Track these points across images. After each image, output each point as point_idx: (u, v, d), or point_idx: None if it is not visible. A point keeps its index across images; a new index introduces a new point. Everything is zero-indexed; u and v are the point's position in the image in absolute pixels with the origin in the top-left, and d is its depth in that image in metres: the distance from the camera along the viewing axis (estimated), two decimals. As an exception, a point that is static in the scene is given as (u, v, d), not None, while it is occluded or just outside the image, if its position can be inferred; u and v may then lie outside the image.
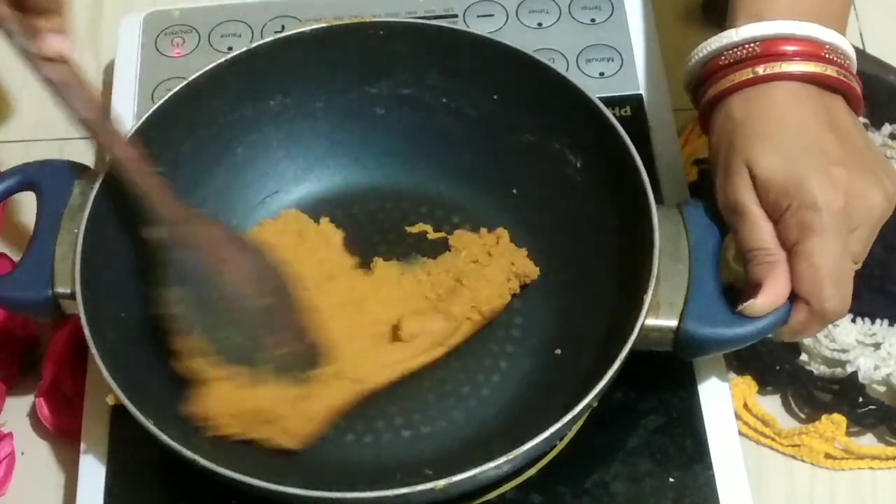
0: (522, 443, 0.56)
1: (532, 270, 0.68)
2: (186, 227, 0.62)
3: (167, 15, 0.80)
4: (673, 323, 0.60)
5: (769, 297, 0.59)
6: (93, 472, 0.65)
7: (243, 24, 0.80)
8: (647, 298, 0.59)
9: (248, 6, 0.81)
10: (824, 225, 0.58)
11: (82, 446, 0.65)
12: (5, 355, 0.71)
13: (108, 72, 0.82)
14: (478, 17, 0.79)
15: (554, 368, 0.65)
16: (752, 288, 0.60)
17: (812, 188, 0.58)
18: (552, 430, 0.56)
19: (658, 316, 0.60)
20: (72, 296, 0.62)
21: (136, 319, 0.64)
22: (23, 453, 0.69)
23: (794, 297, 0.60)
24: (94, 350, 0.59)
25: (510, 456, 0.56)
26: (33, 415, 0.70)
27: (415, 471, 0.57)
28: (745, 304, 0.60)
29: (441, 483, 0.55)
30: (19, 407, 0.71)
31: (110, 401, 0.60)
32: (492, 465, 0.56)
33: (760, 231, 0.60)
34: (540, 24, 0.79)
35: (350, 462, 0.64)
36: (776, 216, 0.60)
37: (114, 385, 0.59)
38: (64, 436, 0.69)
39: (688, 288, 0.61)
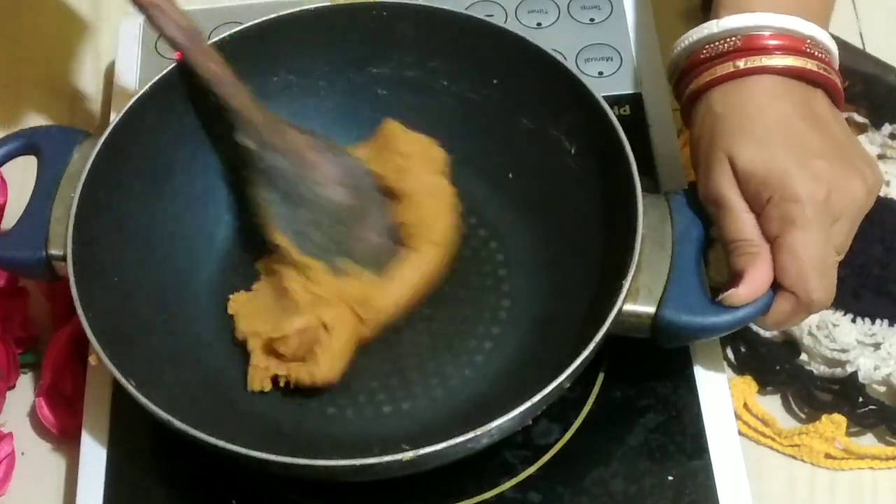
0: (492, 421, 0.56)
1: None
2: (277, 134, 0.65)
3: (167, 17, 0.81)
4: (651, 309, 0.61)
5: (750, 287, 0.60)
6: (93, 472, 0.64)
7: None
8: (626, 284, 0.60)
9: (247, 8, 0.80)
10: (807, 217, 0.59)
11: (82, 446, 0.65)
12: (5, 355, 0.71)
13: (109, 74, 0.83)
14: (477, 17, 0.79)
15: (537, 350, 0.66)
16: (732, 278, 0.60)
17: (793, 180, 0.59)
18: (520, 409, 0.57)
19: (637, 302, 0.61)
20: (64, 258, 0.62)
21: (127, 284, 0.65)
22: (23, 453, 0.69)
23: (777, 288, 0.60)
24: (80, 310, 0.60)
25: (478, 432, 0.56)
26: (33, 415, 0.70)
27: (392, 445, 0.57)
28: (726, 293, 0.60)
29: (408, 455, 0.56)
30: (19, 407, 0.71)
31: (92, 361, 0.60)
32: (459, 440, 0.56)
33: (742, 223, 0.60)
34: (539, 24, 0.79)
35: (332, 435, 0.64)
36: (758, 208, 0.60)
37: (95, 343, 0.59)
38: (64, 436, 0.69)
39: (668, 275, 0.61)
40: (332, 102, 0.72)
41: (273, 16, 0.70)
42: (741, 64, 0.62)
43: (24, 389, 0.71)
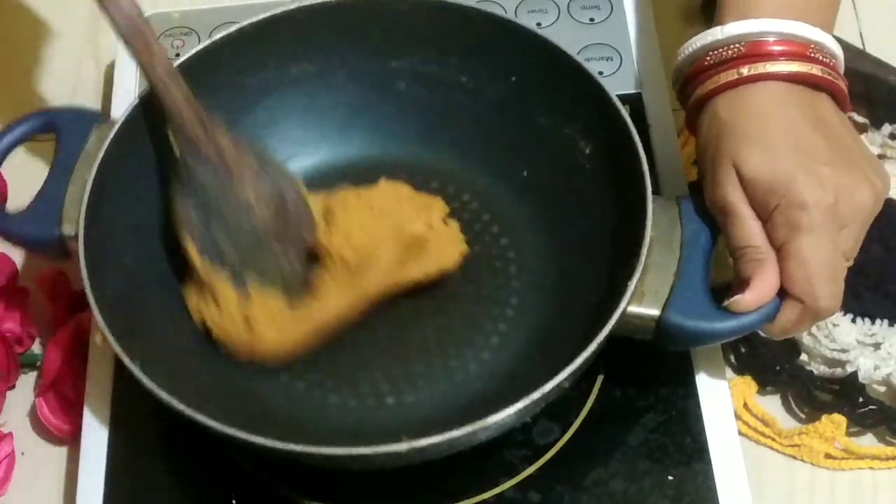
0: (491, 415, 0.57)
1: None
2: (204, 136, 0.64)
3: (167, 17, 0.81)
4: (655, 312, 0.61)
5: (756, 294, 0.59)
6: (93, 472, 0.64)
7: (243, 25, 0.80)
8: (632, 285, 0.60)
9: (247, 8, 0.80)
10: (813, 223, 0.58)
11: (82, 446, 0.65)
12: (5, 355, 0.71)
13: (109, 73, 0.83)
14: (477, 16, 0.79)
15: (543, 348, 0.66)
16: (739, 285, 0.60)
17: (800, 187, 0.59)
18: (517, 406, 0.57)
19: (642, 304, 0.61)
20: (77, 237, 0.62)
21: (140, 267, 0.65)
22: (23, 453, 0.69)
23: (784, 296, 0.60)
24: (88, 289, 0.60)
25: (475, 427, 0.56)
26: (33, 415, 0.70)
27: (392, 437, 0.57)
28: (732, 299, 0.60)
29: (403, 447, 0.56)
30: (19, 407, 0.71)
31: (98, 340, 0.60)
32: (455, 433, 0.56)
33: (749, 230, 0.60)
34: (539, 24, 0.79)
35: (332, 423, 0.64)
36: (764, 215, 0.60)
37: (102, 323, 0.59)
38: (64, 436, 0.69)
39: (675, 279, 0.61)
40: (348, 95, 0.73)
41: (294, 6, 0.70)
42: (745, 70, 0.62)
43: (24, 389, 0.71)
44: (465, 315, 0.68)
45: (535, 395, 0.57)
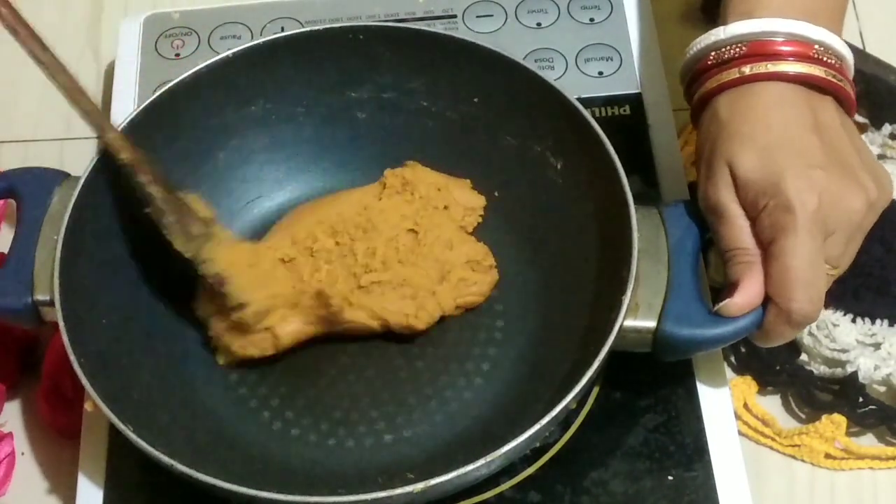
0: (502, 445, 0.56)
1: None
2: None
3: (167, 17, 0.81)
4: (651, 324, 0.60)
5: (745, 296, 0.59)
6: (92, 472, 0.64)
7: (243, 25, 0.80)
8: (626, 300, 0.59)
9: (247, 8, 0.81)
10: (797, 226, 0.58)
11: (82, 446, 0.65)
12: (5, 355, 0.71)
13: (109, 73, 0.83)
14: (477, 17, 0.79)
15: (536, 370, 0.66)
16: (729, 288, 0.60)
17: (787, 188, 0.58)
18: (530, 433, 0.57)
19: (637, 317, 0.60)
20: (51, 303, 0.62)
21: (116, 325, 0.64)
22: (23, 453, 0.69)
23: (766, 299, 0.59)
24: (72, 356, 0.60)
25: (488, 458, 0.56)
26: (33, 415, 0.70)
27: (397, 475, 0.57)
28: (722, 303, 0.60)
29: (419, 486, 0.55)
30: (19, 407, 0.71)
31: (89, 407, 0.60)
32: (469, 468, 0.56)
33: (739, 231, 0.60)
34: (539, 24, 0.79)
35: (333, 467, 0.64)
36: (754, 216, 0.60)
37: (91, 391, 0.59)
38: (64, 436, 0.69)
39: (666, 289, 0.61)
40: (310, 129, 0.72)
41: (246, 45, 0.69)
42: (746, 70, 0.61)
43: (24, 389, 0.71)
44: (452, 343, 0.67)
45: (545, 419, 0.57)
